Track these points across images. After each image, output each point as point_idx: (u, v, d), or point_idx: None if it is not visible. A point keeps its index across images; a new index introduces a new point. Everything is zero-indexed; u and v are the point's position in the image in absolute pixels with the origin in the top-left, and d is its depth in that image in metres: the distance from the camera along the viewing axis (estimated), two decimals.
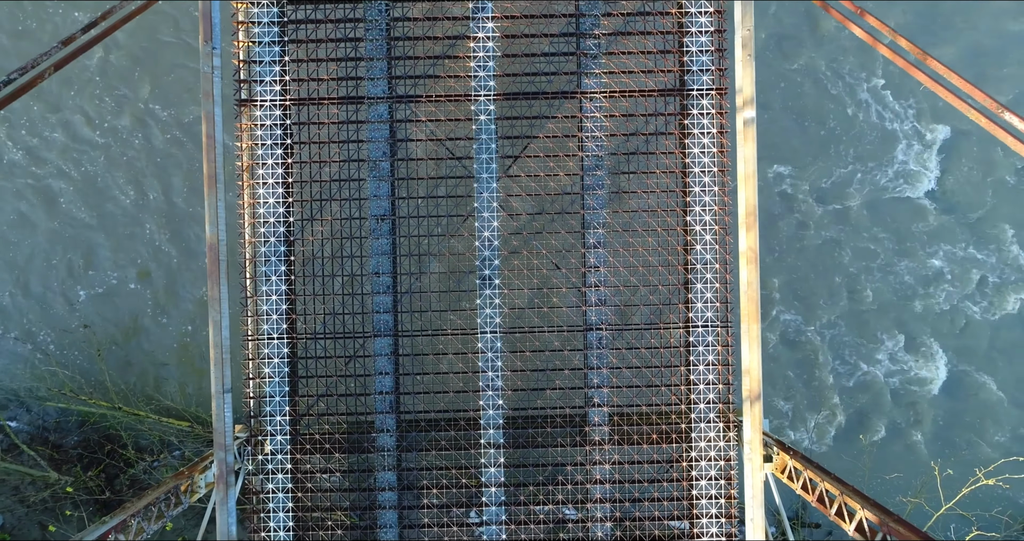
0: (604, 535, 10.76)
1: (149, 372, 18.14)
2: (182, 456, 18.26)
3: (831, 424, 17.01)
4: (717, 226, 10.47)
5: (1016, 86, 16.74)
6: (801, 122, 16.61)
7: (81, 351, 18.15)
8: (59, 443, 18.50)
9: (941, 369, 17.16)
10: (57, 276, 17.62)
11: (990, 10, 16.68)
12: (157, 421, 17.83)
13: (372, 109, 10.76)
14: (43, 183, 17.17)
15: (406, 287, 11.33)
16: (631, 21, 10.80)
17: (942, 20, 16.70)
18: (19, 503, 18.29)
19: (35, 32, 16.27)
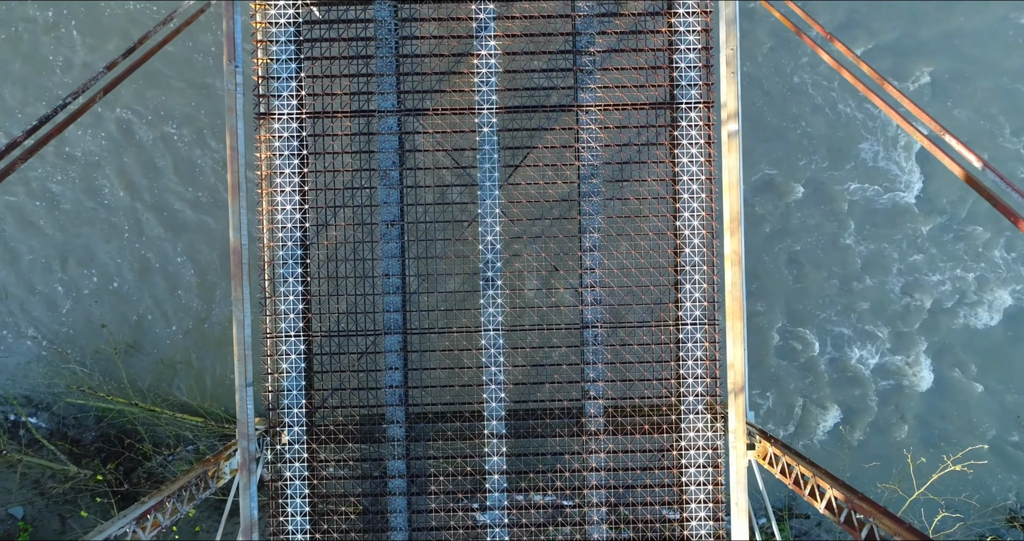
0: (600, 519, 11.59)
1: (163, 370, 18.96)
2: (196, 450, 19.08)
3: (822, 421, 17.83)
4: (704, 231, 11.28)
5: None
6: (795, 127, 17.44)
7: (99, 350, 18.94)
8: (77, 438, 19.33)
9: (926, 368, 17.98)
10: (72, 277, 18.43)
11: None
12: (172, 417, 18.63)
13: (382, 122, 11.58)
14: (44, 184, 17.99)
15: (414, 288, 12.15)
16: (624, 39, 11.62)
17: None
18: (39, 495, 19.11)
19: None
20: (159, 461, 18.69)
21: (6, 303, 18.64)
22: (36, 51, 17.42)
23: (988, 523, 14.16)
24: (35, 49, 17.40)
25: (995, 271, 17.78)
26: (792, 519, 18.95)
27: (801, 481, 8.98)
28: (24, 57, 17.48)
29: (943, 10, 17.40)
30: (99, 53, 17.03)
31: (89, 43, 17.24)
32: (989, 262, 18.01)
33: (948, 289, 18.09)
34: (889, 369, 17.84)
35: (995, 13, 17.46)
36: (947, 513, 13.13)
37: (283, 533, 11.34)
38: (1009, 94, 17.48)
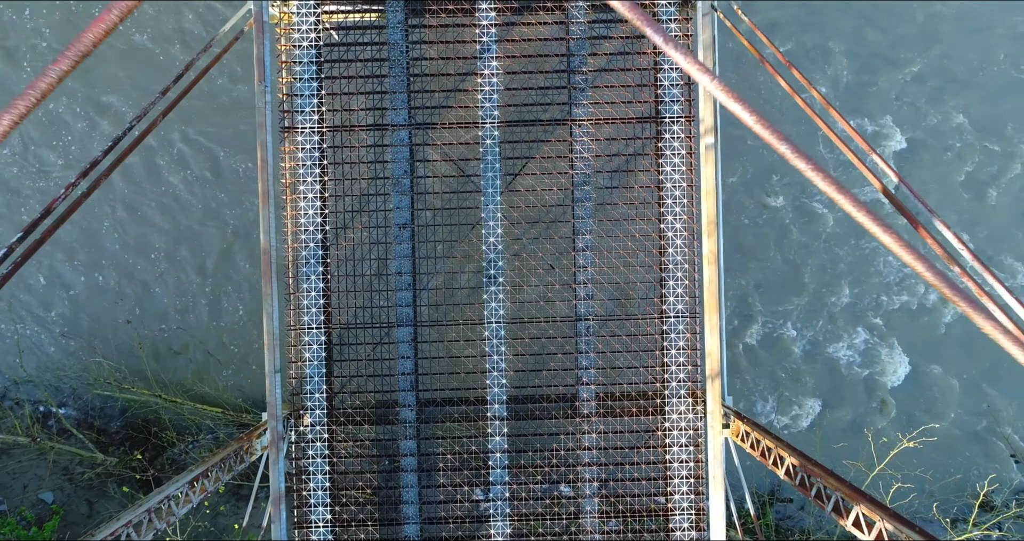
0: (591, 493, 12.95)
1: (183, 363, 20.33)
2: (215, 438, 20.46)
3: (804, 409, 19.21)
4: (686, 232, 12.63)
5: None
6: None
7: (123, 344, 20.30)
8: (103, 428, 20.71)
9: (902, 359, 19.34)
10: (102, 275, 19.79)
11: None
12: (193, 408, 20.00)
13: (395, 134, 12.94)
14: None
15: (424, 284, 13.51)
16: (613, 60, 12.98)
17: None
18: (68, 481, 20.48)
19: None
20: (181, 449, 20.06)
21: (39, 303, 19.98)
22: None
23: (954, 500, 15.55)
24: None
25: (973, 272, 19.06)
26: (776, 503, 20.33)
27: (766, 452, 10.33)
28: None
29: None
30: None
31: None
32: (963, 262, 19.31)
33: (922, 286, 19.42)
34: (867, 361, 19.17)
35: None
36: (901, 484, 14.50)
37: (306, 505, 12.69)
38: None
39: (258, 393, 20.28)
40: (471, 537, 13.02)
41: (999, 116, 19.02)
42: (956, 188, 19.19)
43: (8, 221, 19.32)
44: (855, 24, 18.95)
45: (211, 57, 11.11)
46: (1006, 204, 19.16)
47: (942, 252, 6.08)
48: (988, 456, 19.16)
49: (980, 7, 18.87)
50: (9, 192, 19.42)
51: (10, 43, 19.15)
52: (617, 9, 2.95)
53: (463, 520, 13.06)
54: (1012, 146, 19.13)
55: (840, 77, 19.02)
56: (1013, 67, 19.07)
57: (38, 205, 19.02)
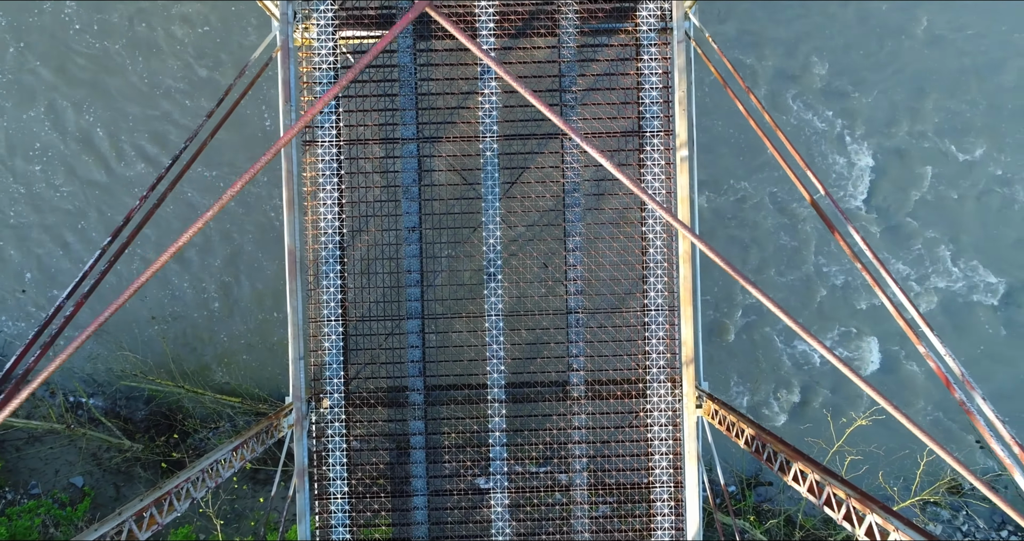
0: (581, 468, 14.62)
1: (206, 356, 22.01)
2: (234, 426, 22.15)
3: (784, 399, 20.90)
4: (665, 234, 14.31)
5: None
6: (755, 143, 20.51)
7: (149, 338, 21.96)
8: (129, 416, 22.41)
9: (875, 352, 21.03)
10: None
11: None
12: (213, 398, 21.69)
13: (404, 147, 14.62)
14: None
15: (431, 281, 15.17)
16: (600, 80, 14.65)
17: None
18: (97, 466, 22.16)
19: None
20: (203, 435, 21.75)
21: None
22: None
23: (911, 477, 17.24)
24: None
25: (934, 265, 20.79)
26: (758, 487, 22.05)
27: (731, 427, 11.99)
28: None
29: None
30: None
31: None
32: (933, 259, 21.02)
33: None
34: (842, 353, 20.84)
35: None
36: (854, 456, 16.23)
37: (326, 479, 14.37)
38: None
39: (273, 385, 21.98)
40: (474, 508, 14.70)
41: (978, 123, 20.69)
42: (931, 198, 20.87)
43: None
44: (841, 42, 20.63)
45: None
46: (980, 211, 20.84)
47: (850, 252, 7.73)
48: (955, 442, 20.86)
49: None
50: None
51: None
52: (611, 170, 4.62)
53: (466, 492, 14.74)
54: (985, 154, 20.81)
55: (818, 86, 20.71)
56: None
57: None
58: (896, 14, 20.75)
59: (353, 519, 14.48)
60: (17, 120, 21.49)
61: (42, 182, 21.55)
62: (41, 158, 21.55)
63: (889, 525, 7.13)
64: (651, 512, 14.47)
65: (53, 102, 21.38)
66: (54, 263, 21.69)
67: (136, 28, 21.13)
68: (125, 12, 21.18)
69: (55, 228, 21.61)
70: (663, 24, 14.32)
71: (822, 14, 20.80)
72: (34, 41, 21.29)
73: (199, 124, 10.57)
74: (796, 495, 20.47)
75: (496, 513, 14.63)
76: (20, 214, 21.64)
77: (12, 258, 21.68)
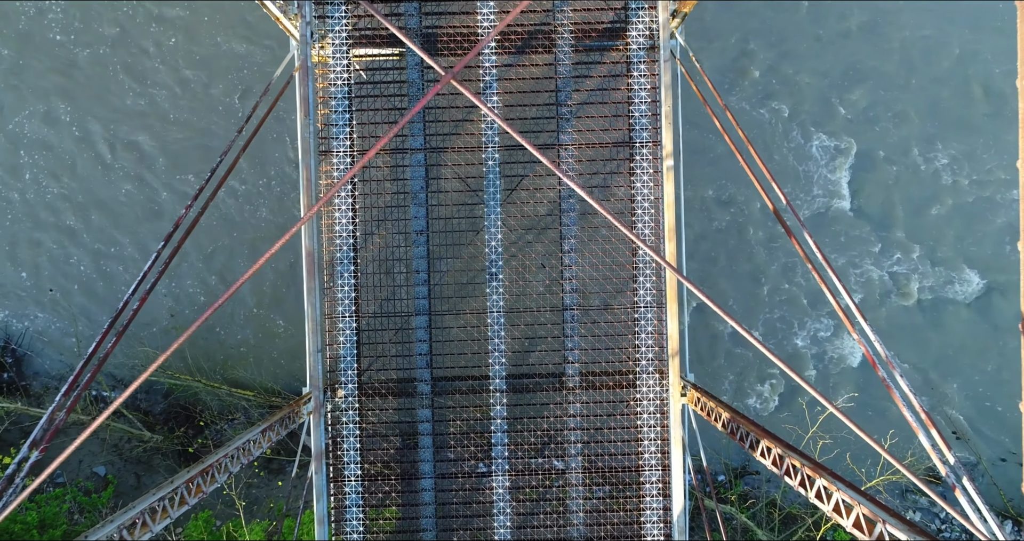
0: (576, 452, 15.97)
1: (222, 352, 23.37)
2: (248, 419, 23.51)
3: (772, 393, 22.27)
4: (653, 237, 15.66)
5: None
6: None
7: (168, 335, 23.33)
8: (149, 409, 23.77)
9: (856, 346, 22.35)
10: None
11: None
12: (229, 391, 23.06)
13: (413, 156, 15.97)
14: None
15: (437, 280, 16.52)
16: (593, 95, 16.00)
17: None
18: (118, 457, 23.53)
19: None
20: (220, 427, 23.11)
21: (99, 302, 23.03)
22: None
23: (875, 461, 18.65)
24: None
25: (916, 268, 22.16)
26: (745, 477, 23.41)
27: (710, 412, 13.34)
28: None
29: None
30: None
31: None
32: (907, 260, 22.40)
33: (876, 283, 22.47)
34: (826, 348, 22.21)
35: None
36: (826, 441, 17.61)
37: (340, 462, 15.72)
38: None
39: (285, 379, 23.34)
40: (477, 490, 16.05)
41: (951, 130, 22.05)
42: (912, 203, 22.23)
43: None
44: (828, 60, 22.00)
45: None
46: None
47: (804, 255, 9.08)
48: None
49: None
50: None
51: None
52: (605, 215, 5.97)
53: (470, 476, 16.09)
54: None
55: (805, 97, 22.07)
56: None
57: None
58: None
59: (366, 500, 15.84)
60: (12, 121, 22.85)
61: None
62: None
63: (833, 487, 8.48)
64: (640, 493, 15.83)
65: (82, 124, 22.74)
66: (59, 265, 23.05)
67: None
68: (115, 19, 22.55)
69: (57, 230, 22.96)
70: (651, 43, 15.67)
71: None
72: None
73: (231, 139, 11.92)
74: (778, 482, 21.82)
75: (498, 494, 15.98)
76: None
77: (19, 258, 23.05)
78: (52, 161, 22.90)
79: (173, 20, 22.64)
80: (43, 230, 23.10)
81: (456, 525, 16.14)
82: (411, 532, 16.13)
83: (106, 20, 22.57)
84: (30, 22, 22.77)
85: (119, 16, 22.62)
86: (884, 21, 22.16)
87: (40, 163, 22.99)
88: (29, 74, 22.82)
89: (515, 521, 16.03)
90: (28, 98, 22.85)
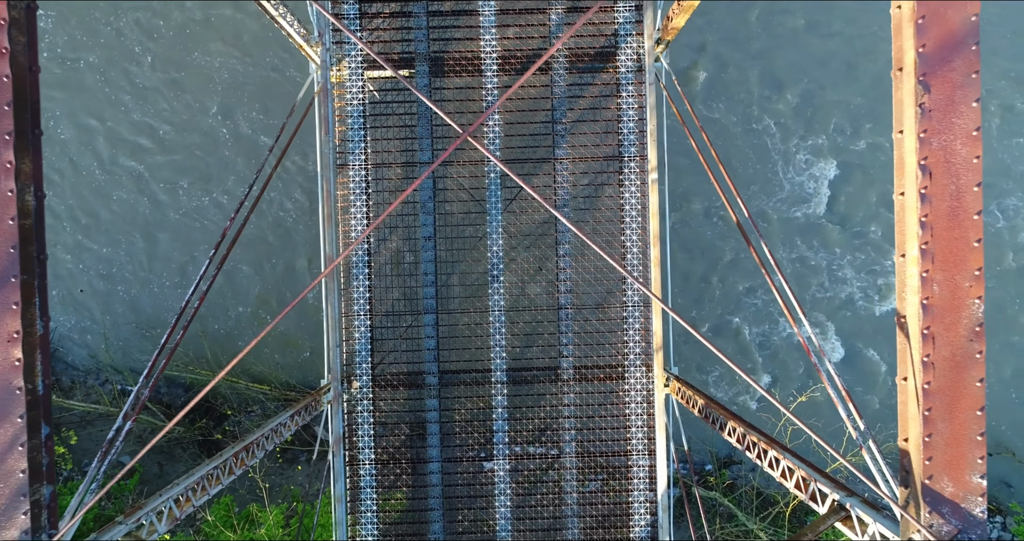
0: (570, 439, 17.72)
1: (239, 348, 25.07)
2: (264, 411, 25.27)
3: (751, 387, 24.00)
4: (640, 243, 17.41)
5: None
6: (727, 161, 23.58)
7: (189, 334, 25.03)
8: (171, 402, 25.51)
9: (837, 346, 24.13)
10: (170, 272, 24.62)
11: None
12: (246, 386, 24.83)
13: (421, 169, 17.72)
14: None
15: (443, 282, 18.28)
16: (586, 113, 17.76)
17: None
18: (141, 447, 25.19)
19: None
20: (238, 420, 24.87)
21: (123, 301, 24.78)
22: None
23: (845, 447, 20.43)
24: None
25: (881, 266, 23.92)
26: (730, 466, 25.16)
27: (689, 399, 15.10)
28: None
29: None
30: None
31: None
32: (882, 264, 24.15)
33: (854, 284, 24.21)
34: (803, 345, 23.87)
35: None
36: (794, 427, 19.38)
37: (356, 448, 17.48)
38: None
39: (299, 375, 25.08)
40: (480, 473, 17.80)
41: None
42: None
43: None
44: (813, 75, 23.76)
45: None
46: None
47: (758, 260, 10.84)
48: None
49: None
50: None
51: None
52: (597, 251, 7.71)
53: (474, 460, 17.85)
54: None
55: (789, 106, 23.83)
56: None
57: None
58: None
59: (379, 481, 17.60)
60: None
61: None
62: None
63: (780, 456, 10.24)
64: (629, 476, 17.59)
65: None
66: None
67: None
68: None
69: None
70: (638, 66, 17.43)
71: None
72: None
73: (263, 158, 13.67)
74: (759, 471, 23.52)
75: (499, 477, 17.74)
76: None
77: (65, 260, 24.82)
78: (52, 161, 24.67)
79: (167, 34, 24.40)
80: (63, 233, 24.86)
81: (461, 505, 17.91)
82: (420, 511, 17.90)
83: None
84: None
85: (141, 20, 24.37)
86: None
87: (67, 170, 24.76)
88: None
89: (514, 501, 17.81)
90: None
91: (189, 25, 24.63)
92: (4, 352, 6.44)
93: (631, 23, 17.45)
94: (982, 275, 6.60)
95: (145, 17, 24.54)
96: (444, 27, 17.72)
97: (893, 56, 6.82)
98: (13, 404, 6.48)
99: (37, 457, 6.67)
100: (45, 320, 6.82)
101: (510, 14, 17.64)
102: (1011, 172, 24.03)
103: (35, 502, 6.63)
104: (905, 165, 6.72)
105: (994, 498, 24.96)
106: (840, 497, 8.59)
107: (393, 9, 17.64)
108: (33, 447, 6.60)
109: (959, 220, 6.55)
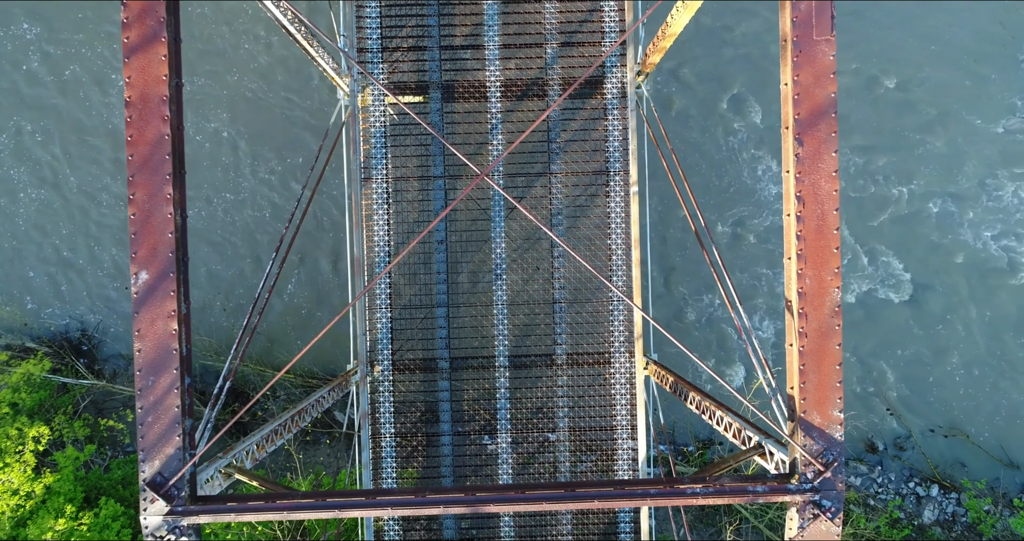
0: (563, 416, 20.82)
1: (267, 340, 28.18)
2: (289, 396, 28.36)
3: (731, 374, 27.08)
4: (624, 246, 20.51)
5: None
6: (710, 172, 26.71)
7: (220, 326, 28.14)
8: (203, 389, 28.58)
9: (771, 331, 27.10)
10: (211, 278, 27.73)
11: None
12: (274, 373, 27.93)
13: (435, 182, 20.83)
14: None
15: (454, 279, 21.38)
16: (577, 133, 20.87)
17: None
18: None
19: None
20: (265, 405, 27.94)
21: None
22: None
23: None
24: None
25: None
26: (711, 447, 28.26)
27: (663, 379, 18.19)
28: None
29: None
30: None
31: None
32: (854, 259, 27.18)
33: None
34: (774, 336, 26.98)
35: None
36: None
37: (378, 423, 20.59)
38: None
39: (321, 363, 28.15)
40: (485, 445, 20.90)
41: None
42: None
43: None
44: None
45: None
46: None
47: (709, 261, 13.93)
48: (871, 410, 27.11)
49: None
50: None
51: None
52: (589, 269, 10.78)
53: (480, 434, 20.95)
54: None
55: (755, 126, 26.93)
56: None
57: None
58: None
59: (398, 453, 20.70)
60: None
61: None
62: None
63: (720, 411, 13.31)
64: (614, 447, 20.68)
65: None
66: None
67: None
68: None
69: None
70: (623, 93, 20.52)
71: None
72: None
73: (306, 176, 16.75)
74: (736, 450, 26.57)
75: (501, 448, 20.83)
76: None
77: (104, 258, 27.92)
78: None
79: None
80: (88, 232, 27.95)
81: (468, 473, 20.99)
82: (433, 479, 20.98)
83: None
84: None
85: None
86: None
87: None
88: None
89: (515, 469, 20.89)
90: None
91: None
92: (166, 324, 9.54)
93: (616, 56, 20.55)
94: (840, 272, 9.69)
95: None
96: (454, 59, 20.81)
97: (782, 119, 9.92)
98: (171, 360, 9.58)
99: (184, 398, 9.77)
100: (188, 304, 9.91)
101: (511, 48, 20.74)
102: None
103: (183, 429, 9.73)
104: (790, 195, 9.81)
105: (949, 476, 28.12)
106: (760, 439, 11.68)
107: (410, 44, 20.74)
108: (183, 392, 9.70)
109: (823, 233, 9.66)
